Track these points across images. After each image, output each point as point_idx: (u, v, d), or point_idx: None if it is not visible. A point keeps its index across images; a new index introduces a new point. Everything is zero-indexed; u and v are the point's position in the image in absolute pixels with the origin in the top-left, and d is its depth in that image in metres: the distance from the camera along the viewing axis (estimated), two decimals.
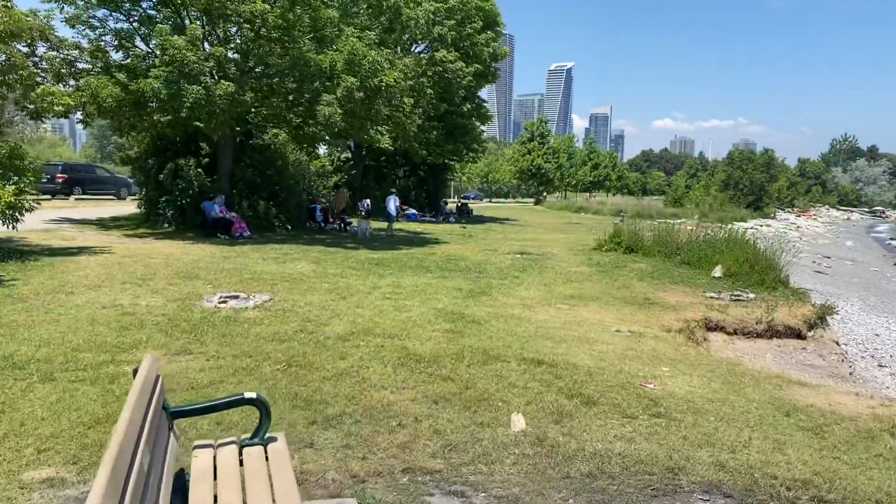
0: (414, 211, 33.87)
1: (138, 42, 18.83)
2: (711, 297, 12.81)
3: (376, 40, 17.76)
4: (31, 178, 12.04)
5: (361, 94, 17.09)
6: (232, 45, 17.22)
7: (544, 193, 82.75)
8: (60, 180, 31.32)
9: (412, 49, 31.43)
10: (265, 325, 7.95)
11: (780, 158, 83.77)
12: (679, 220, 42.87)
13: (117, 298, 9.01)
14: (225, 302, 8.89)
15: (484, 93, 37.71)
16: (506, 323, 9.15)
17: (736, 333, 11.25)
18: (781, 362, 10.12)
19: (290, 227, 20.69)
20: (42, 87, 13.76)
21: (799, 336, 11.43)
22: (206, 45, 17.38)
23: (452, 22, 30.33)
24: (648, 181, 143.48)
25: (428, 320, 8.92)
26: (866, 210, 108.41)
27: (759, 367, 8.17)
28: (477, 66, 31.64)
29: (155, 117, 17.78)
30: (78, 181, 32.36)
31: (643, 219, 39.23)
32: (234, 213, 19.02)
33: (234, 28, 17.00)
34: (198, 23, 16.47)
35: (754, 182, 68.80)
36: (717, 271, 15.20)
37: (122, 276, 10.74)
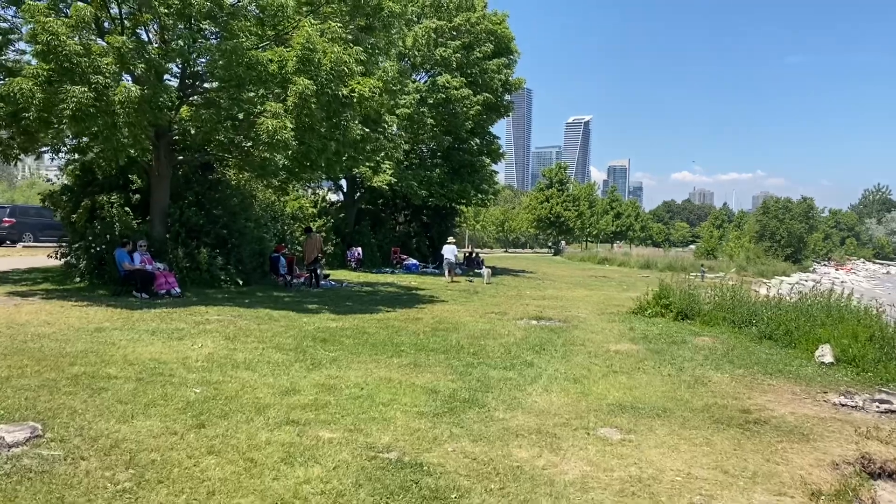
0: (415, 261, 29.20)
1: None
2: (843, 406, 7.95)
3: (346, 36, 13.35)
4: None
5: (320, 107, 12.66)
6: (147, 39, 12.89)
7: (563, 243, 77.91)
8: (7, 224, 27.22)
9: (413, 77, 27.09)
10: None
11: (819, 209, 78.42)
12: (717, 274, 37.97)
13: None
14: None
15: (500, 137, 33.16)
16: (502, 496, 4.39)
17: None
18: None
19: (240, 282, 16.05)
20: None
21: None
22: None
23: (458, 44, 26.11)
24: (672, 232, 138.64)
25: (337, 495, 4.19)
26: None
27: None
28: (486, 95, 27.20)
29: (68, 138, 13.64)
30: (29, 226, 28.16)
31: (676, 272, 34.38)
32: (160, 265, 14.48)
33: (152, 15, 12.57)
34: (96, 6, 12.04)
35: (792, 233, 63.35)
36: (826, 354, 10.29)
37: None
